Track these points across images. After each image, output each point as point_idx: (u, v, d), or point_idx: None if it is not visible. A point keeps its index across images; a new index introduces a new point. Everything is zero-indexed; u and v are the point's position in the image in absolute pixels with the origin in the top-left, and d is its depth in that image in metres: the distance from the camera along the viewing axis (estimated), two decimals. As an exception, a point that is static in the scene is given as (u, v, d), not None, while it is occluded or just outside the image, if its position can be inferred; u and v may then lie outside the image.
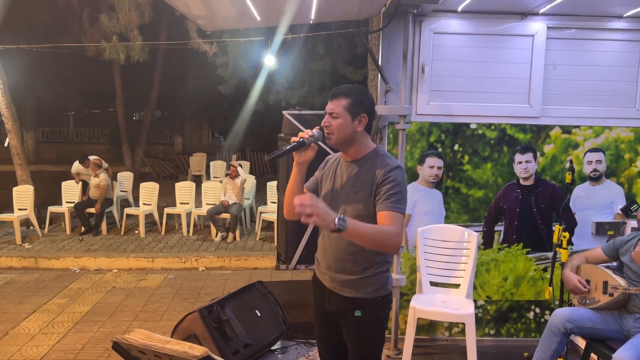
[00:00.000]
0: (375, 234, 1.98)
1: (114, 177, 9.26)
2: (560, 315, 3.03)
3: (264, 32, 8.12)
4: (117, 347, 1.35)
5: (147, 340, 1.25)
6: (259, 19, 3.75)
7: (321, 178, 2.35)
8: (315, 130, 2.17)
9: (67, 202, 8.55)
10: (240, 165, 8.39)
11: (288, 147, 2.15)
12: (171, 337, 3.26)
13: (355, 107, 2.14)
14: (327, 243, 2.28)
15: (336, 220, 1.84)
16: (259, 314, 3.54)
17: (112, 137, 17.41)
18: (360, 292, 2.18)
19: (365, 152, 2.21)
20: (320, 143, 2.24)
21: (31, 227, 8.18)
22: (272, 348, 3.57)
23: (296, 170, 2.26)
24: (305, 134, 2.16)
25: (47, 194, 9.66)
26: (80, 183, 8.75)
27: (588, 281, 3.10)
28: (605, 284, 2.96)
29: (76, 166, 8.90)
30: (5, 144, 8.69)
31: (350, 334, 2.25)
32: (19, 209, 7.97)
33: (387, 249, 2.08)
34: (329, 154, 2.46)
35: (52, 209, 8.40)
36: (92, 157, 8.79)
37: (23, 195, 8.07)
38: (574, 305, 3.21)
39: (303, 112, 4.13)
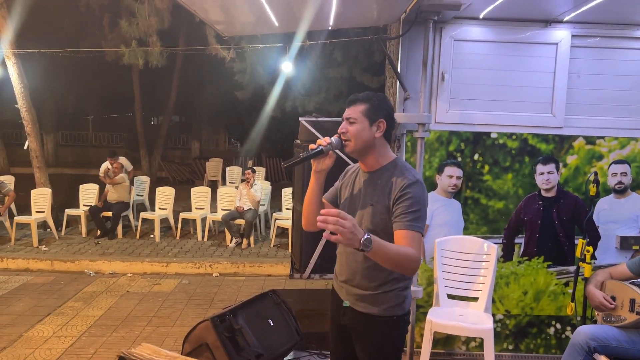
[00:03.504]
0: (399, 257, 1.86)
1: (131, 182, 9.29)
2: (583, 333, 2.92)
3: (281, 39, 8.08)
4: (123, 361, 1.31)
5: (154, 356, 1.20)
6: (277, 24, 3.71)
7: (340, 188, 2.28)
8: (334, 138, 2.09)
9: (84, 205, 8.61)
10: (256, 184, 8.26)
11: (305, 155, 2.08)
12: (183, 345, 3.22)
13: (373, 113, 2.06)
14: (343, 256, 2.21)
15: (362, 239, 1.70)
16: (271, 324, 3.47)
17: (130, 141, 17.59)
18: (375, 309, 2.10)
19: (384, 163, 2.11)
20: (339, 153, 2.16)
21: (48, 230, 8.25)
22: (285, 359, 3.50)
23: (314, 179, 2.18)
24: (324, 141, 2.08)
25: (64, 197, 9.74)
26: (97, 187, 8.79)
27: (614, 298, 2.98)
28: (633, 301, 2.85)
29: (104, 166, 8.92)
30: (25, 147, 8.78)
31: (362, 351, 2.18)
32: (37, 212, 8.05)
33: (406, 272, 1.99)
34: (349, 164, 2.39)
35: (69, 211, 8.46)
36: (121, 158, 8.89)
37: (41, 197, 8.15)
38: (597, 323, 3.10)
39: (320, 118, 4.09)
